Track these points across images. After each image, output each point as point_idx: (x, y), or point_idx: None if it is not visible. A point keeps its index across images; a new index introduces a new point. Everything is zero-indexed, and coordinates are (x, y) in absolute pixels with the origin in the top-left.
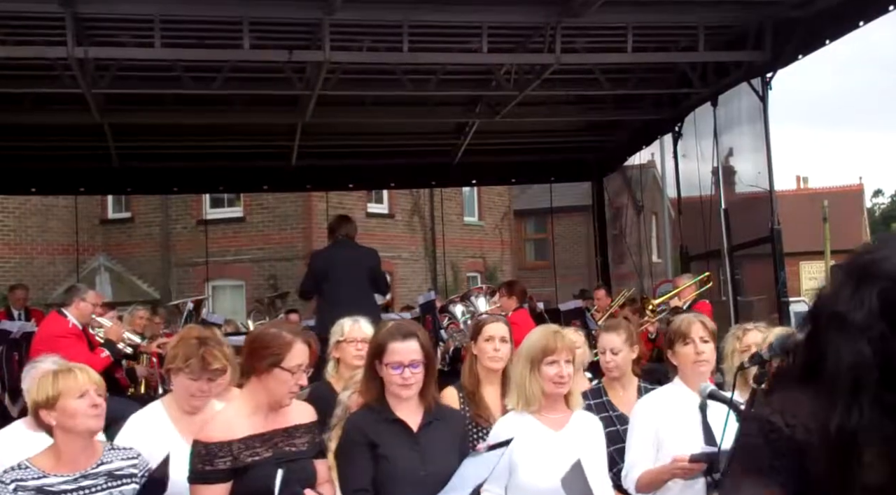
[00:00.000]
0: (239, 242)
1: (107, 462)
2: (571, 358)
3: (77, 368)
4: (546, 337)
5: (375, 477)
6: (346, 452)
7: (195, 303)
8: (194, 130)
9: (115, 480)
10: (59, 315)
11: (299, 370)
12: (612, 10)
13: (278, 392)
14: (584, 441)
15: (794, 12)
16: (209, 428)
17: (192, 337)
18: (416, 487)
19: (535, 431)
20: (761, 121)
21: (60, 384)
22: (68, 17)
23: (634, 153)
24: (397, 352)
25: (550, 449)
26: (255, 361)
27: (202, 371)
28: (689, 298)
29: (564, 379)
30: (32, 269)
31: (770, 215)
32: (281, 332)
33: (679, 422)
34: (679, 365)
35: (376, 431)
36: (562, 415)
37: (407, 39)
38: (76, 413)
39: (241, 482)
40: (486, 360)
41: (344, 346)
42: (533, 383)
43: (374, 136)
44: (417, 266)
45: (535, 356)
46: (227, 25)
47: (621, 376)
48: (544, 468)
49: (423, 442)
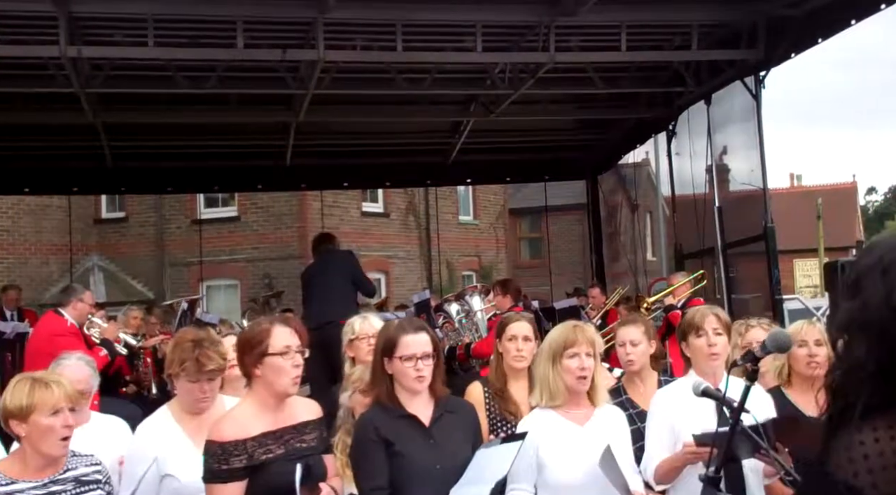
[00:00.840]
0: (233, 242)
1: (72, 468)
2: (592, 351)
3: (54, 382)
4: (566, 331)
5: (392, 474)
6: (362, 451)
7: (190, 302)
8: (188, 130)
9: (83, 486)
10: (57, 314)
11: (289, 351)
12: (605, 9)
13: (279, 380)
14: (609, 434)
15: (786, 11)
16: (222, 428)
17: (187, 340)
18: (433, 481)
19: (559, 427)
20: (755, 119)
21: (36, 396)
22: (61, 17)
23: (629, 151)
24: (410, 345)
25: (575, 445)
26: (246, 358)
27: (199, 373)
28: (684, 296)
29: (586, 371)
30: (26, 270)
31: (764, 213)
32: (258, 323)
33: (694, 414)
34: (693, 357)
35: (389, 428)
36: (585, 411)
37: (401, 38)
38: (47, 432)
39: (258, 479)
40: (510, 359)
41: (356, 344)
42: (556, 378)
43: (369, 135)
44: (412, 265)
45: (556, 350)
46: (221, 24)
47: (640, 369)
48: (571, 463)
49: (437, 436)
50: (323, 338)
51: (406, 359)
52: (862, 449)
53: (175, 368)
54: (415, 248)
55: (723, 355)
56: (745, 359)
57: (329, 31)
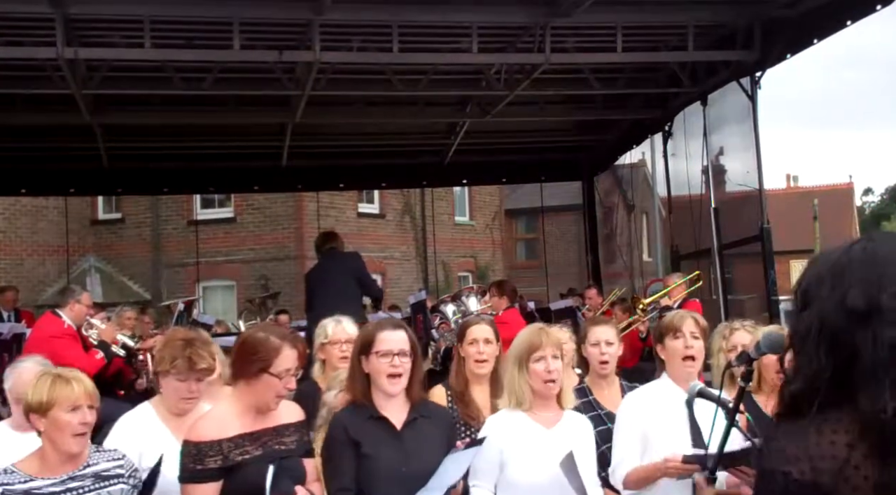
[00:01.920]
0: (230, 243)
1: (93, 463)
2: (559, 353)
3: (73, 378)
4: (531, 334)
5: (358, 476)
6: (330, 451)
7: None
8: (184, 131)
9: (103, 481)
10: (54, 315)
11: (287, 374)
12: (601, 10)
13: (266, 396)
14: (575, 439)
15: (782, 11)
16: (199, 428)
17: (178, 338)
18: (398, 485)
19: (526, 428)
20: (750, 120)
21: (57, 391)
22: (58, 18)
23: (625, 152)
24: (386, 341)
25: (541, 446)
26: (244, 365)
27: (189, 371)
28: (680, 297)
29: (553, 374)
30: (22, 271)
31: (760, 214)
32: (269, 337)
33: (666, 419)
34: (667, 359)
35: (359, 429)
36: (553, 414)
37: (397, 39)
38: (65, 428)
39: (232, 480)
40: (472, 364)
41: (328, 348)
42: (522, 382)
43: (365, 136)
44: (409, 266)
45: (521, 354)
46: (217, 26)
47: (612, 371)
48: (535, 464)
49: (407, 440)
50: None
51: (382, 354)
52: (812, 445)
53: (165, 365)
54: (411, 249)
55: (698, 359)
56: (740, 361)
57: (325, 33)
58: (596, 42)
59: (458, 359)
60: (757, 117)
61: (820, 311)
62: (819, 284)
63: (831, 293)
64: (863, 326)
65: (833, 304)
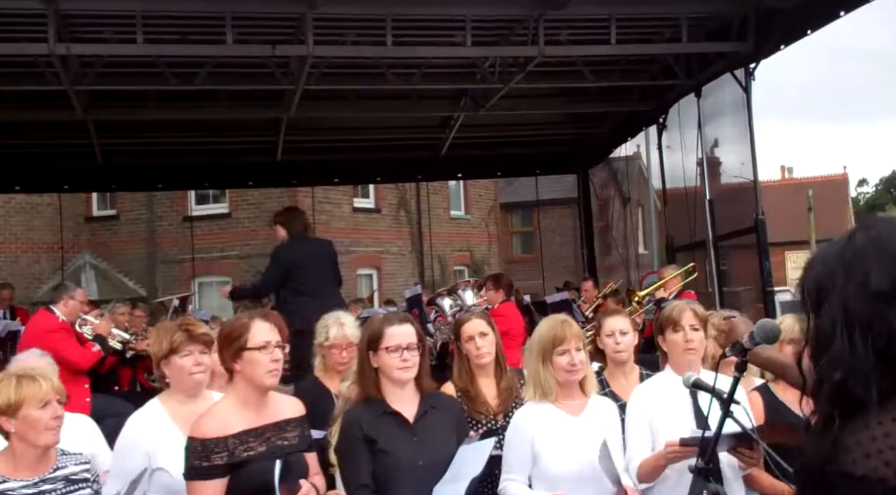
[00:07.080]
0: (225, 238)
1: (62, 467)
2: (581, 345)
3: (40, 376)
4: (555, 327)
5: (376, 472)
6: (346, 449)
7: (181, 299)
8: (178, 126)
9: (73, 484)
10: (48, 311)
11: (269, 346)
12: (595, 2)
13: (256, 374)
14: (603, 424)
15: (776, 3)
16: (204, 424)
17: (169, 323)
18: (416, 478)
19: (554, 418)
20: (745, 111)
21: (24, 390)
22: (50, 14)
23: (619, 145)
24: (395, 336)
25: (571, 435)
26: (225, 353)
27: (190, 341)
28: (675, 289)
29: (577, 366)
30: (17, 268)
31: (755, 205)
32: (238, 317)
33: (671, 409)
34: (669, 352)
35: (373, 425)
36: (579, 401)
37: (390, 33)
38: (37, 424)
39: (238, 477)
40: (474, 359)
41: (329, 350)
42: (547, 374)
43: (360, 131)
44: (404, 260)
45: (545, 347)
46: (210, 21)
47: (629, 360)
48: (567, 454)
49: (420, 433)
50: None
51: (392, 350)
52: (889, 440)
53: (164, 348)
54: (406, 244)
55: (699, 350)
56: (734, 351)
57: (318, 27)
58: (590, 34)
59: (459, 357)
60: (751, 109)
61: (842, 303)
62: (831, 278)
63: (848, 283)
64: (893, 306)
65: (854, 292)
